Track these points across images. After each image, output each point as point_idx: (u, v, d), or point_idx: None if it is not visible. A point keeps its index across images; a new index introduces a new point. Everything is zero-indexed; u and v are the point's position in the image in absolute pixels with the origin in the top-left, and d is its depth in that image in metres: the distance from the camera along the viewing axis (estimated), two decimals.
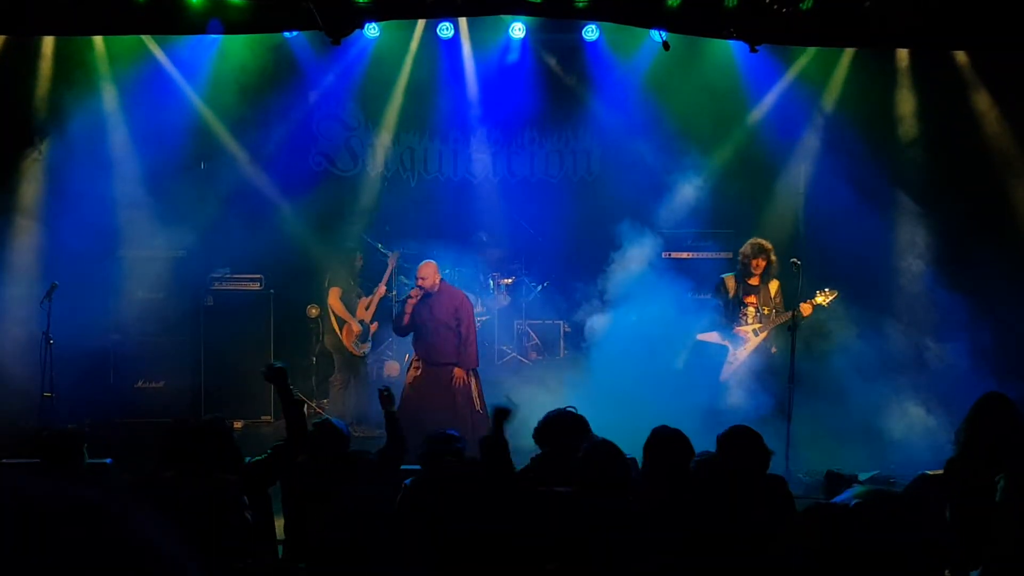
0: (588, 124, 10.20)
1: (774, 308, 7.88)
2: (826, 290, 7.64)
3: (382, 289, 8.91)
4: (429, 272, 7.71)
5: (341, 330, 8.87)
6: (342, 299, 8.90)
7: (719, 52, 9.17)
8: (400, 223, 9.64)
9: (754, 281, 7.93)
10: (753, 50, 7.43)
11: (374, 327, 8.98)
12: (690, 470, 4.19)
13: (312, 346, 9.36)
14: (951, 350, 7.71)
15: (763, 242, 7.95)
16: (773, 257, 7.90)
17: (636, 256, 8.74)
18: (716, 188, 9.68)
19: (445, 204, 9.86)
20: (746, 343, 7.90)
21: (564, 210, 9.76)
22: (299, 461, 4.67)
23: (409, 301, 7.65)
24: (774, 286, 7.96)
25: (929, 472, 5.22)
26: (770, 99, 9.56)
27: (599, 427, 4.87)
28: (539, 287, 9.74)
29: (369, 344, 8.99)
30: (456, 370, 7.47)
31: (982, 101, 8.88)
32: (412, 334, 7.70)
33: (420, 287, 7.64)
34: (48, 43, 8.84)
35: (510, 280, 9.81)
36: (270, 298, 9.06)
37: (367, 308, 8.92)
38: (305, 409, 8.83)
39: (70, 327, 8.02)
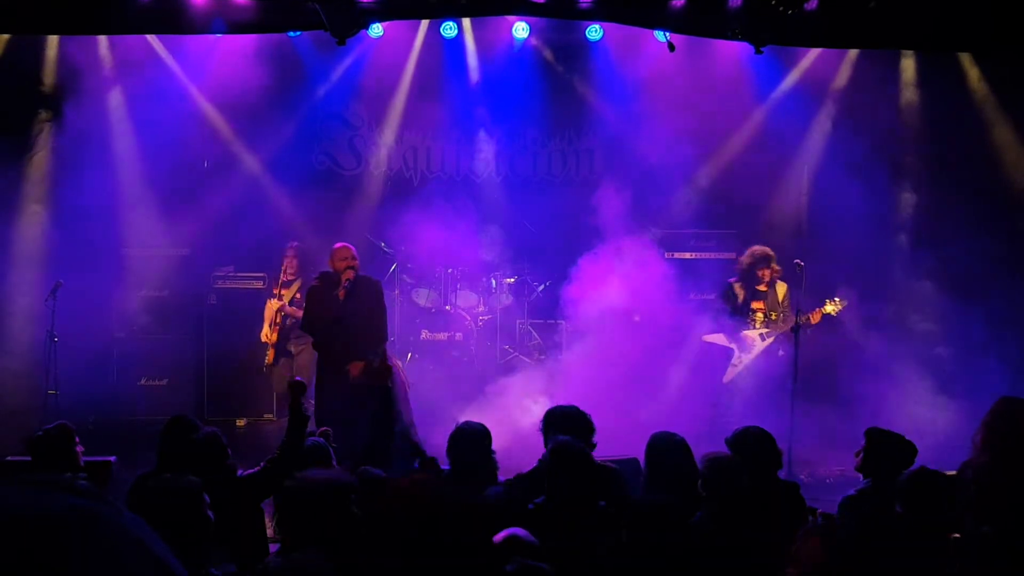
0: (591, 124, 10.22)
1: (782, 312, 7.86)
2: (836, 299, 7.61)
3: (289, 309, 8.45)
4: (351, 255, 6.81)
5: None
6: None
7: (723, 52, 9.17)
8: (403, 222, 9.63)
9: (762, 287, 7.92)
10: (758, 51, 7.44)
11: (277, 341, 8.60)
12: (697, 471, 4.19)
13: None
14: (957, 350, 7.71)
15: (765, 251, 7.89)
16: (776, 265, 7.88)
17: (639, 256, 8.76)
18: (719, 188, 9.70)
19: (448, 203, 9.85)
20: (753, 348, 7.89)
21: (567, 210, 9.76)
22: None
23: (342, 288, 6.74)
24: (782, 290, 7.94)
25: None
26: (774, 99, 9.58)
27: (602, 427, 4.88)
28: (541, 287, 9.75)
29: (268, 357, 8.59)
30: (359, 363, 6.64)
31: (987, 101, 8.89)
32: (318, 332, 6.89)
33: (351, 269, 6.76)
34: (52, 42, 8.85)
35: (513, 279, 9.82)
36: (267, 298, 9.05)
37: (272, 325, 8.56)
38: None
39: (74, 325, 8.05)
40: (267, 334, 8.54)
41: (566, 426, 4.71)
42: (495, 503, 4.34)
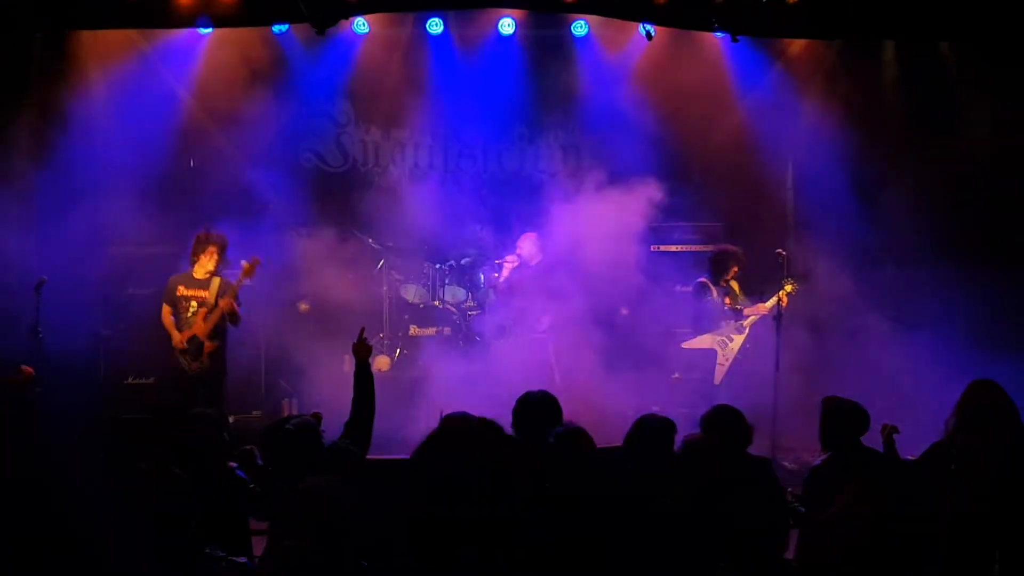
0: (578, 119, 10.26)
1: (743, 303, 8.05)
2: (790, 278, 7.79)
3: (224, 303, 7.60)
4: (527, 244, 8.88)
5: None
6: (173, 315, 7.79)
7: (707, 45, 9.22)
8: (390, 218, 9.65)
9: (724, 283, 8.06)
10: (734, 39, 7.51)
11: (210, 346, 7.65)
12: (675, 451, 4.26)
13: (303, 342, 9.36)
14: (939, 337, 7.70)
15: (735, 249, 8.13)
16: (741, 259, 8.12)
17: (625, 249, 8.79)
18: (705, 181, 9.74)
19: (435, 199, 9.86)
20: (735, 342, 7.97)
21: (554, 205, 9.77)
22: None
23: (505, 266, 8.89)
24: (735, 284, 8.16)
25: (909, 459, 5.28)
26: (759, 92, 9.61)
27: (590, 421, 4.91)
28: None
29: (203, 362, 7.65)
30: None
31: (966, 92, 8.92)
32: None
33: (518, 255, 8.87)
34: (37, 38, 8.83)
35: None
36: (260, 293, 9.03)
37: (204, 320, 7.64)
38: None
39: (60, 322, 8.01)
40: (181, 340, 7.66)
41: (535, 412, 4.74)
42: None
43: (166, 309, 7.84)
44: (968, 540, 4.68)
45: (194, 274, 7.76)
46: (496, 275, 9.29)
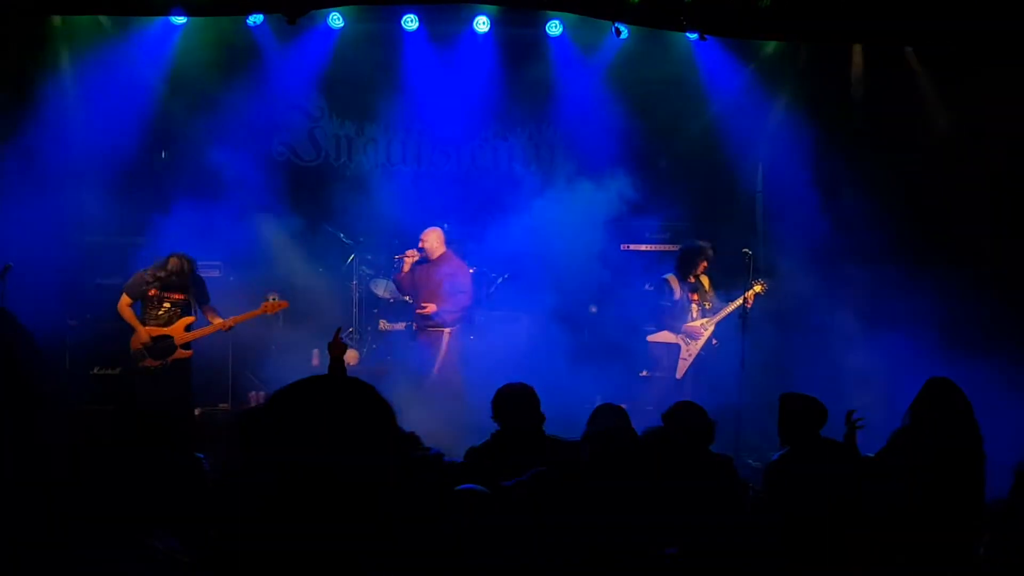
0: (551, 117, 10.31)
1: (712, 300, 8.14)
2: (760, 280, 7.91)
3: (231, 322, 7.77)
4: (431, 238, 8.46)
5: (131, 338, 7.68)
6: (133, 307, 7.74)
7: (680, 46, 9.30)
8: (362, 213, 9.64)
9: (692, 279, 8.17)
10: (702, 38, 7.60)
11: (186, 353, 7.70)
12: (638, 440, 4.29)
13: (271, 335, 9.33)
14: (905, 335, 7.82)
15: (704, 245, 8.26)
16: (710, 253, 8.25)
17: (595, 248, 8.85)
18: (675, 181, 9.82)
19: (407, 194, 9.87)
20: (699, 338, 8.09)
21: (527, 202, 9.81)
22: None
23: (406, 260, 8.45)
24: (706, 280, 8.30)
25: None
26: (730, 93, 9.70)
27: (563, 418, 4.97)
28: (500, 279, 9.78)
29: (166, 363, 7.61)
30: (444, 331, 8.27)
31: (933, 96, 9.05)
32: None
33: (419, 249, 8.42)
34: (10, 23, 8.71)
35: (472, 270, 9.83)
36: (229, 286, 9.00)
37: (186, 330, 7.70)
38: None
39: (25, 310, 7.89)
40: (148, 338, 7.57)
41: (514, 402, 4.82)
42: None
43: (126, 299, 7.70)
44: (919, 533, 4.77)
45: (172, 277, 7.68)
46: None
